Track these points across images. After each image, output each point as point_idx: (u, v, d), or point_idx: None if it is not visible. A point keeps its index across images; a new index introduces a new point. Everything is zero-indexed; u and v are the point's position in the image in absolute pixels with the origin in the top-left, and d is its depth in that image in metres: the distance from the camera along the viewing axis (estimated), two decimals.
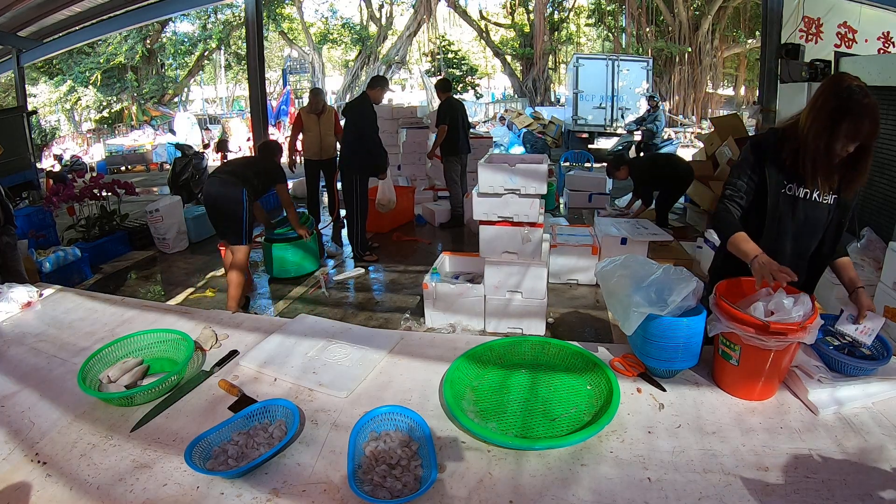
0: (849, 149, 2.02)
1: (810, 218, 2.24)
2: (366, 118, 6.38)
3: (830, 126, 1.98)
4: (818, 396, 1.75)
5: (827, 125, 1.99)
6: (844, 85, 1.97)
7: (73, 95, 25.03)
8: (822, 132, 2.01)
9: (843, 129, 1.96)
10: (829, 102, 2.00)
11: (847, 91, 1.95)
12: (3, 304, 2.64)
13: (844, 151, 2.03)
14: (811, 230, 2.26)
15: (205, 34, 27.41)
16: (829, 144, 2.01)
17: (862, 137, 1.98)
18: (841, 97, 1.96)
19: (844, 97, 1.95)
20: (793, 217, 2.24)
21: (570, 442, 1.58)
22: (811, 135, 2.05)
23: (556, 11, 29.81)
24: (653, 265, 2.03)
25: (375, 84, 6.61)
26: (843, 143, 2.00)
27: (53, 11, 9.43)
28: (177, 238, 7.45)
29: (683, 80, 24.67)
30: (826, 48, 7.95)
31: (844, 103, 1.95)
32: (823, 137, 2.01)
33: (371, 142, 6.36)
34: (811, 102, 2.08)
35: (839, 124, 1.96)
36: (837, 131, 1.97)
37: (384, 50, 30.01)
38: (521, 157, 4.95)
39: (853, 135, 1.97)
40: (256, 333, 2.37)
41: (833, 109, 1.97)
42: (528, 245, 4.54)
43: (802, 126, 2.10)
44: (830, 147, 2.02)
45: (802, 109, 2.15)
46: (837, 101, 1.97)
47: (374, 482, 1.42)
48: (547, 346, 2.08)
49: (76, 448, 1.64)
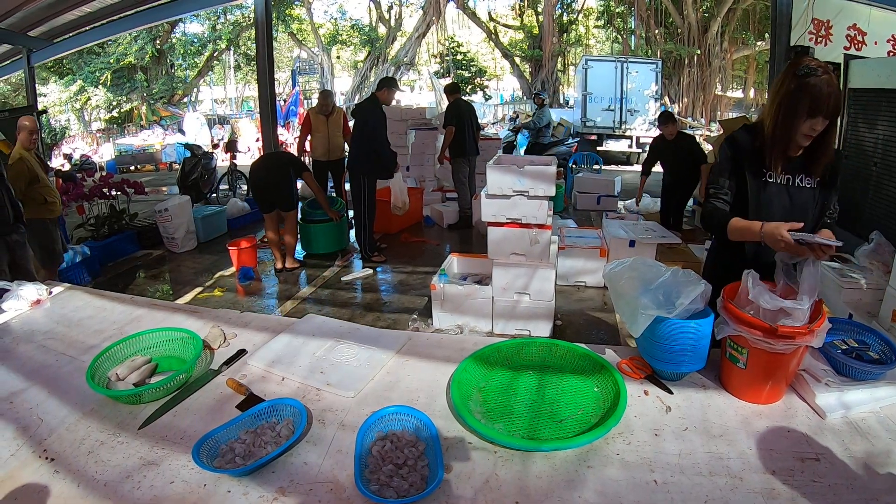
0: (816, 127, 2.03)
1: (796, 204, 2.25)
2: (375, 120, 6.39)
3: (791, 105, 2.02)
4: (825, 400, 1.74)
5: (788, 104, 2.03)
6: (801, 65, 2.01)
7: (83, 95, 25.20)
8: (784, 112, 2.06)
9: (804, 107, 1.98)
10: (787, 83, 2.04)
11: (804, 70, 1.99)
12: (12, 301, 2.65)
13: (812, 131, 2.04)
14: (799, 216, 2.25)
15: (214, 35, 27.53)
16: (791, 123, 2.05)
17: (823, 111, 1.99)
18: (799, 76, 2.00)
19: (802, 76, 1.99)
20: (779, 204, 2.25)
21: (576, 444, 1.57)
22: (775, 116, 2.09)
23: (565, 13, 29.77)
24: (661, 268, 2.02)
25: (384, 85, 6.62)
26: (807, 122, 2.02)
27: (64, 12, 9.47)
28: (185, 237, 7.49)
29: (692, 82, 24.56)
30: (835, 50, 7.91)
31: (802, 81, 1.99)
32: (786, 116, 2.06)
33: (379, 143, 6.37)
34: (772, 88, 2.13)
35: (799, 102, 1.99)
36: (799, 109, 2.00)
37: (393, 51, 30.03)
38: (530, 158, 4.95)
39: (814, 110, 1.99)
40: (265, 333, 2.38)
41: (793, 90, 2.01)
42: (537, 247, 4.54)
43: (766, 111, 2.13)
44: (794, 125, 2.05)
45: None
46: (797, 81, 2.01)
47: (381, 482, 1.42)
48: (554, 348, 2.07)
49: (84, 445, 1.64)
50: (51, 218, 5.25)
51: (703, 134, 20.44)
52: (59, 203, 5.38)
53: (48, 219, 5.22)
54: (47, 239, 5.23)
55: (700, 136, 19.88)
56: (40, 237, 5.14)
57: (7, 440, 1.66)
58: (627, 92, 16.28)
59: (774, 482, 1.44)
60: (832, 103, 1.99)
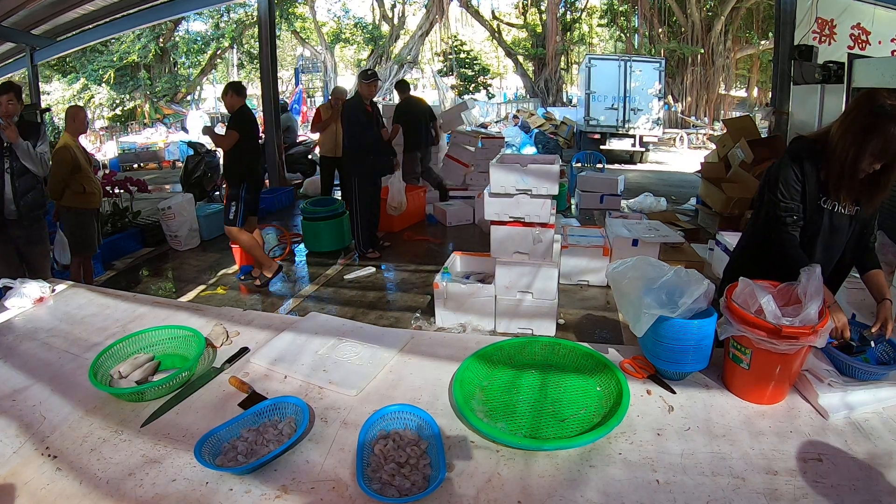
0: (875, 166, 2.02)
1: (836, 229, 2.26)
2: (357, 117, 6.44)
3: (860, 142, 2.00)
4: (828, 401, 1.74)
5: (856, 141, 2.00)
6: (878, 103, 1.97)
7: (86, 93, 25.22)
8: (850, 147, 2.03)
9: (871, 147, 1.97)
10: (860, 119, 2.00)
11: (879, 109, 1.96)
12: (15, 299, 2.66)
13: (871, 168, 2.03)
14: (838, 241, 2.27)
15: (217, 33, 27.53)
16: (856, 160, 2.02)
17: (889, 157, 1.97)
18: (873, 114, 1.96)
19: (876, 115, 1.96)
20: (822, 227, 2.25)
21: (579, 443, 1.57)
22: (840, 149, 2.06)
23: (569, 12, 29.78)
24: (664, 267, 2.02)
25: (362, 79, 6.64)
26: (869, 161, 2.01)
27: (67, 10, 9.49)
28: (189, 235, 7.50)
29: (696, 82, 24.56)
30: (839, 50, 7.90)
31: (876, 121, 1.95)
32: (851, 152, 2.02)
33: (366, 141, 6.45)
34: (843, 117, 2.09)
35: (868, 142, 1.97)
36: (865, 148, 1.98)
37: (396, 49, 30.05)
38: (533, 157, 4.94)
39: (881, 153, 1.97)
40: (267, 331, 2.37)
41: (864, 128, 1.98)
42: (540, 246, 4.53)
43: (832, 139, 2.10)
44: (857, 162, 2.02)
45: (834, 122, 2.14)
46: (869, 120, 1.97)
47: (383, 480, 1.42)
48: (557, 347, 2.07)
49: (86, 442, 1.65)
50: (89, 208, 5.35)
51: (706, 133, 20.46)
52: (99, 195, 5.50)
53: (87, 209, 5.33)
54: (81, 228, 5.35)
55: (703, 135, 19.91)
56: (74, 226, 5.31)
57: (10, 437, 1.67)
58: (631, 91, 16.24)
59: (777, 482, 1.43)
60: None
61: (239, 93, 5.64)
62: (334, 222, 7.11)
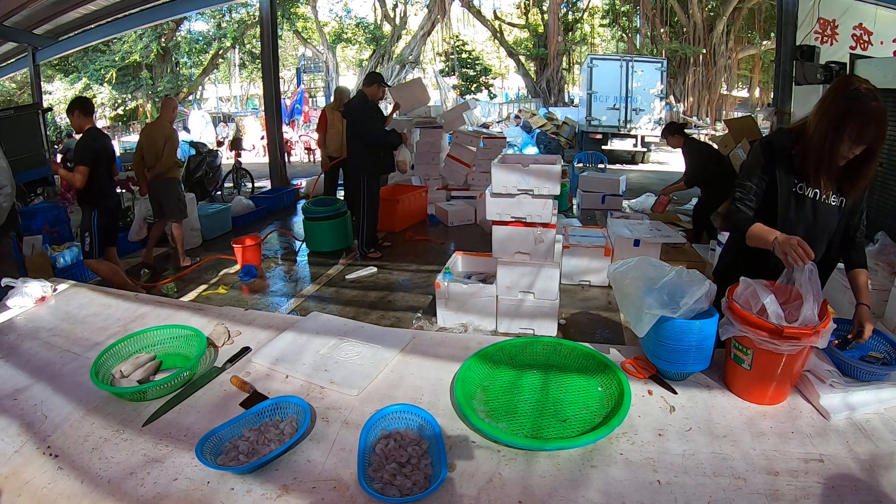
0: (854, 151, 2.02)
1: (820, 219, 2.24)
2: (364, 117, 6.43)
3: (836, 128, 1.99)
4: (830, 401, 1.74)
5: (833, 127, 2.00)
6: (852, 88, 1.98)
7: (88, 93, 25.17)
8: (827, 133, 2.02)
9: (848, 132, 1.96)
10: (836, 104, 2.00)
11: (854, 94, 1.96)
12: (17, 298, 2.66)
13: (850, 153, 2.03)
14: (821, 232, 2.25)
15: (219, 33, 27.53)
16: (833, 146, 2.02)
17: (867, 141, 1.97)
18: (848, 99, 1.96)
19: (851, 99, 1.96)
20: (804, 217, 2.24)
21: (580, 443, 1.57)
22: (817, 135, 2.06)
23: (571, 12, 29.72)
24: (665, 267, 2.02)
25: (372, 81, 6.62)
26: (848, 146, 2.00)
27: (68, 10, 9.51)
28: (190, 235, 7.49)
29: (698, 82, 24.55)
30: (841, 50, 7.89)
31: (851, 105, 1.95)
32: (829, 138, 2.02)
33: (373, 140, 6.45)
34: (819, 104, 2.09)
35: (845, 126, 1.96)
36: (843, 133, 1.98)
37: (398, 49, 30.00)
38: (535, 157, 4.93)
39: (858, 138, 1.97)
40: (269, 331, 2.38)
41: (840, 112, 1.97)
42: (541, 246, 4.52)
43: (810, 126, 2.10)
44: (835, 148, 2.02)
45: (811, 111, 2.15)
46: (845, 104, 1.97)
47: (384, 480, 1.43)
48: (558, 347, 2.07)
49: (88, 442, 1.65)
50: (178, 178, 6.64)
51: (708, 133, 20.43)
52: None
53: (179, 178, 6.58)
54: (181, 196, 6.71)
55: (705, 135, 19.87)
56: (174, 192, 6.59)
57: (11, 436, 1.67)
58: (632, 91, 16.21)
59: (778, 483, 1.44)
60: (877, 133, 1.97)
61: (85, 111, 5.11)
62: (335, 222, 7.11)
